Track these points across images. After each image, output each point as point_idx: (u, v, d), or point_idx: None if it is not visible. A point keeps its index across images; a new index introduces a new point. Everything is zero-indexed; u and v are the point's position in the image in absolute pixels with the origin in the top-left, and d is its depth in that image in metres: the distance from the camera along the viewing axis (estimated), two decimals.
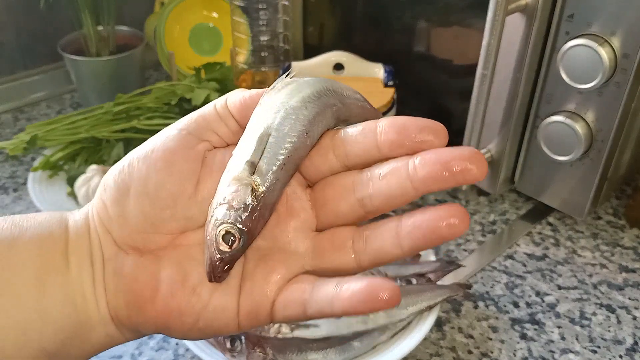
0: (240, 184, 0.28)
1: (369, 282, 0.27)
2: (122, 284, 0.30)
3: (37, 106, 0.94)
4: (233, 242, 0.28)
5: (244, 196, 0.28)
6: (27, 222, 0.30)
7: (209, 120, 0.31)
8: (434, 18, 0.73)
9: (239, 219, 0.27)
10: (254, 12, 0.77)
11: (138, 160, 0.30)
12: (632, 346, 0.56)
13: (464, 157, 0.27)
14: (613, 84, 0.58)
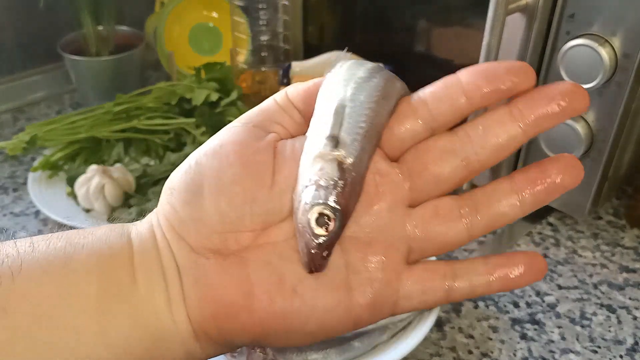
0: (324, 161, 0.26)
1: (524, 256, 0.28)
2: (209, 294, 0.27)
3: (36, 106, 0.94)
4: (328, 223, 0.26)
5: (332, 172, 0.26)
6: (83, 239, 0.27)
7: (271, 112, 0.29)
8: (434, 18, 0.73)
9: (330, 197, 0.25)
10: (254, 11, 0.77)
11: (207, 157, 0.28)
12: (633, 346, 0.56)
13: (568, 91, 0.27)
14: (614, 83, 0.58)
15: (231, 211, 0.27)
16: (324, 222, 0.26)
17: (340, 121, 0.27)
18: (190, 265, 0.27)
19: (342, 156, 0.26)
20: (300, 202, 0.26)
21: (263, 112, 0.30)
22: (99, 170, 0.68)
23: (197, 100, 0.74)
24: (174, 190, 0.28)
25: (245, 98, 0.81)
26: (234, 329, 0.27)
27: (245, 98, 0.81)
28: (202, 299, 0.27)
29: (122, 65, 0.89)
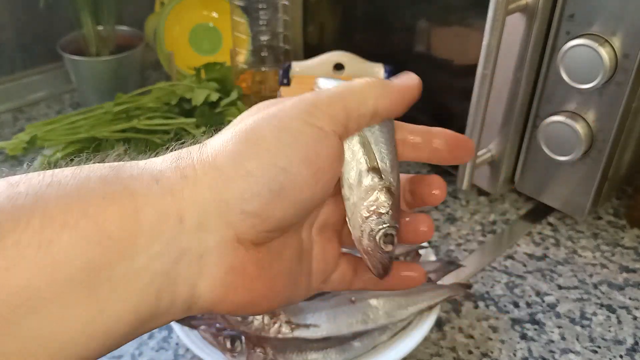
0: (377, 191, 0.31)
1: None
2: (243, 283, 0.29)
3: (36, 106, 0.94)
4: (392, 240, 0.31)
5: (386, 199, 0.31)
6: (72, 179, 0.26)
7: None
8: (434, 18, 0.73)
9: (390, 220, 0.31)
10: (254, 11, 0.77)
11: (298, 166, 0.29)
12: (633, 346, 0.56)
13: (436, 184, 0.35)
14: (614, 83, 0.58)
15: (294, 218, 0.29)
16: (390, 240, 0.31)
17: (370, 153, 0.31)
18: (226, 252, 0.28)
19: (388, 183, 0.31)
20: (364, 230, 0.31)
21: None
22: None
23: (197, 101, 0.74)
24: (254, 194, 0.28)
25: (245, 98, 0.81)
26: (245, 310, 0.30)
27: (245, 98, 0.81)
28: (232, 286, 0.28)
29: (122, 66, 0.89)
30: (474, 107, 0.61)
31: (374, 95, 0.31)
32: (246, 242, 0.28)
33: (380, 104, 0.31)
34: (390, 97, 0.31)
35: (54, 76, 0.96)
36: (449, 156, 0.33)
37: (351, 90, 0.30)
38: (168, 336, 0.56)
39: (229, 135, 0.29)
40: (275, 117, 0.29)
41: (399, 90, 0.32)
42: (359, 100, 0.30)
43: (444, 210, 0.74)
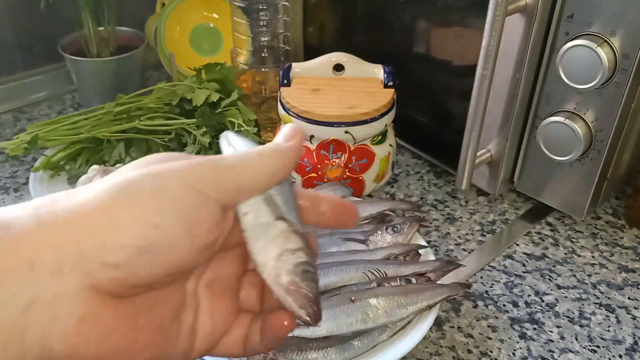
0: (286, 233, 0.31)
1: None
2: (96, 335, 0.27)
3: (37, 106, 0.94)
4: (313, 277, 0.30)
5: (296, 240, 0.31)
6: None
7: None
8: (433, 19, 0.73)
9: (305, 257, 0.30)
10: (254, 12, 0.77)
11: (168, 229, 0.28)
12: (632, 346, 0.57)
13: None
14: (613, 84, 0.58)
15: (162, 277, 0.28)
16: (309, 277, 0.30)
17: (275, 206, 0.31)
18: (83, 301, 0.26)
19: (295, 227, 0.31)
20: (281, 269, 0.30)
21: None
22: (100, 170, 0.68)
23: (198, 101, 0.74)
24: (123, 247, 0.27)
25: (246, 98, 0.82)
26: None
27: (245, 98, 0.81)
28: (84, 338, 0.27)
29: (123, 66, 0.90)
30: (473, 107, 0.61)
31: (270, 166, 0.31)
32: (104, 293, 0.27)
33: (276, 173, 0.31)
34: (284, 162, 0.31)
35: (54, 77, 0.97)
36: (334, 221, 0.34)
37: (248, 165, 0.30)
38: None
39: (104, 185, 0.28)
40: (160, 176, 0.28)
41: (293, 154, 0.32)
42: (253, 173, 0.30)
43: (444, 210, 0.74)
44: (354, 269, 0.56)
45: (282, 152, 0.31)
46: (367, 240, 0.61)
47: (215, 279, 0.33)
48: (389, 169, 0.74)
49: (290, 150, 0.32)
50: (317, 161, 0.70)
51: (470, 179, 0.66)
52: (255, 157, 0.31)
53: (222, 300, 0.33)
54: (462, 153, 0.64)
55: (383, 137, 0.71)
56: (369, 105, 0.69)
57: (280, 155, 0.31)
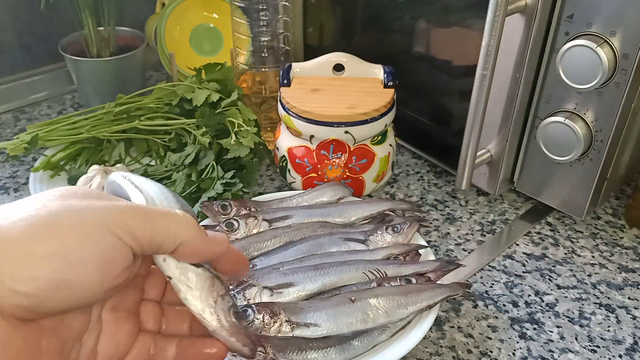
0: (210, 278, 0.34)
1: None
2: (2, 355, 0.28)
3: (38, 106, 0.94)
4: (242, 314, 0.34)
5: (220, 284, 0.34)
6: None
7: None
8: (433, 19, 0.73)
9: (231, 298, 0.34)
10: (254, 12, 0.77)
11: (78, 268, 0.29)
12: (632, 346, 0.57)
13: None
14: (613, 84, 0.58)
15: (68, 309, 0.30)
16: (241, 316, 0.34)
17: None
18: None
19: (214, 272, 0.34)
20: (220, 316, 0.33)
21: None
22: (100, 170, 0.68)
23: (198, 101, 0.74)
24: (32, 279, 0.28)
25: (246, 98, 0.82)
26: None
27: (245, 98, 0.81)
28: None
29: (123, 66, 0.90)
30: (473, 107, 0.61)
31: (186, 233, 0.32)
32: (10, 317, 0.28)
33: (186, 246, 0.32)
34: (198, 242, 0.33)
35: (55, 77, 0.97)
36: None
37: (165, 220, 0.32)
38: None
39: (31, 210, 0.28)
40: (82, 213, 0.29)
41: (208, 242, 0.33)
42: (168, 232, 0.31)
43: (444, 210, 0.74)
44: (354, 269, 0.56)
45: (201, 234, 0.33)
46: (367, 240, 0.61)
47: (119, 304, 0.34)
48: (389, 169, 0.74)
49: (208, 240, 0.33)
50: (317, 161, 0.70)
51: (470, 179, 0.66)
52: (176, 218, 0.32)
53: (124, 323, 0.34)
54: (462, 153, 0.64)
55: (383, 137, 0.71)
56: (369, 105, 0.69)
57: (198, 235, 0.33)
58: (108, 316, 0.34)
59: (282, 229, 0.62)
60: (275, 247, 0.60)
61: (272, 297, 0.53)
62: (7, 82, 0.94)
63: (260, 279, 0.54)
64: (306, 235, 0.62)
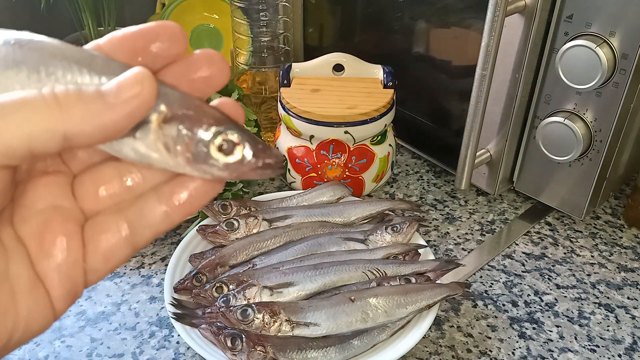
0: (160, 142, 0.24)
1: (196, 182, 0.25)
2: None
3: None
4: (233, 141, 0.24)
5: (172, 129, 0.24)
6: None
7: None
8: (433, 19, 0.74)
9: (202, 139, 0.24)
10: (254, 13, 0.77)
11: None
12: (631, 345, 0.57)
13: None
14: (612, 84, 0.58)
15: None
16: (230, 147, 0.24)
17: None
18: None
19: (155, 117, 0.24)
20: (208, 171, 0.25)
21: None
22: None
23: None
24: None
25: (246, 98, 0.82)
26: None
27: (245, 98, 0.81)
28: None
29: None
30: (472, 107, 0.61)
31: (64, 121, 0.22)
32: None
33: (78, 138, 0.22)
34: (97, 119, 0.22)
35: None
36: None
37: (16, 115, 0.21)
38: (169, 335, 0.57)
39: None
40: None
41: (111, 114, 0.22)
42: (29, 132, 0.21)
43: (443, 209, 0.74)
44: (354, 269, 0.56)
45: (94, 103, 0.22)
46: (366, 239, 0.62)
47: (30, 210, 0.25)
48: (389, 168, 0.75)
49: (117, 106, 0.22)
50: (317, 161, 0.71)
51: (469, 179, 0.66)
52: (33, 102, 0.22)
53: (53, 224, 0.25)
54: (462, 153, 0.64)
55: (382, 137, 0.72)
56: (369, 105, 0.69)
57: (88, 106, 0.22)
58: (24, 232, 0.25)
59: (282, 228, 0.62)
60: (275, 247, 0.61)
61: (272, 297, 0.53)
62: None
63: (260, 278, 0.54)
64: (306, 235, 0.62)
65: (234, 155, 0.23)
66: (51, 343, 0.56)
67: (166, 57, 0.25)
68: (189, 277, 0.56)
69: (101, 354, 0.55)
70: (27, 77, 0.23)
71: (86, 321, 0.58)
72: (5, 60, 0.23)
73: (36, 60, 0.23)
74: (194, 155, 0.23)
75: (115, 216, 0.26)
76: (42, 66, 0.23)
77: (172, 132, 0.23)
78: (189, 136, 0.23)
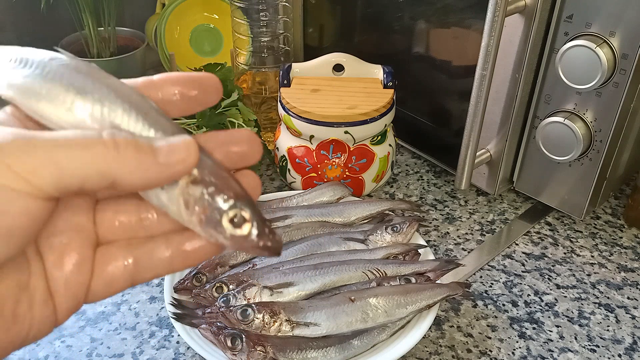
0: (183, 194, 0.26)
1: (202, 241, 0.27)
2: None
3: None
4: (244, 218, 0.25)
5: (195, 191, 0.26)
6: None
7: None
8: (433, 19, 0.74)
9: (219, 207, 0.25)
10: (254, 13, 0.77)
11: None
12: (631, 345, 0.57)
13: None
14: (612, 84, 0.58)
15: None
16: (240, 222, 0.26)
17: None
18: None
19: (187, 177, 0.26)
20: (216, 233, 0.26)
21: None
22: None
23: None
24: None
25: (246, 99, 0.82)
26: None
27: (245, 99, 0.81)
28: None
29: (123, 67, 0.90)
30: (472, 107, 0.61)
31: (117, 168, 0.24)
32: None
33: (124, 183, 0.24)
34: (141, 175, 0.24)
35: None
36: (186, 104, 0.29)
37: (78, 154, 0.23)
38: (169, 335, 0.57)
39: None
40: None
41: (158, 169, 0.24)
42: (85, 171, 0.23)
43: (443, 209, 0.74)
44: (354, 269, 0.56)
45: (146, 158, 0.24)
46: (366, 239, 0.62)
47: (55, 232, 0.27)
48: (389, 168, 0.75)
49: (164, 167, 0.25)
50: (317, 161, 0.71)
51: (469, 179, 0.66)
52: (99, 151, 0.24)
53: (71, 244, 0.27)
54: (462, 153, 0.64)
55: (382, 137, 0.72)
56: (369, 105, 0.69)
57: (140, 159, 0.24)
58: (47, 248, 0.26)
59: (282, 228, 0.62)
60: None
61: (272, 297, 0.53)
62: None
63: (260, 278, 0.54)
64: (306, 235, 0.62)
65: (241, 229, 0.25)
66: (51, 343, 0.56)
67: (201, 104, 0.28)
68: (189, 277, 0.56)
69: (101, 354, 0.55)
70: (92, 106, 0.25)
71: (86, 321, 0.58)
72: (78, 86, 0.26)
73: (105, 94, 0.26)
74: (207, 219, 0.25)
75: (125, 250, 0.28)
76: (107, 102, 0.26)
77: (196, 194, 0.25)
78: (208, 201, 0.25)
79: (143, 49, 0.92)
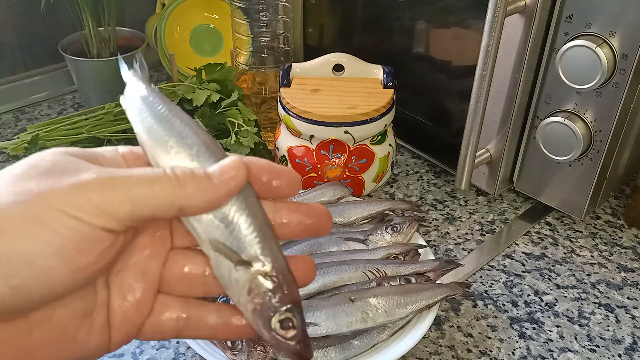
0: (251, 281, 0.28)
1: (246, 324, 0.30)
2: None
3: (38, 106, 0.94)
4: (292, 323, 0.28)
5: (265, 283, 0.28)
6: None
7: None
8: (433, 19, 0.74)
9: (283, 303, 0.28)
10: (254, 13, 0.77)
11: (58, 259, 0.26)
12: (631, 345, 0.57)
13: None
14: (612, 84, 0.58)
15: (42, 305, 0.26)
16: (287, 325, 0.28)
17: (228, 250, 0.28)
18: None
19: (261, 267, 0.28)
20: (259, 326, 0.28)
21: None
22: None
23: (198, 101, 0.74)
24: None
25: (246, 99, 0.82)
26: None
27: (245, 99, 0.81)
28: None
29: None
30: (472, 107, 0.61)
31: (182, 197, 0.27)
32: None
33: (189, 208, 0.27)
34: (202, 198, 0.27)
35: (55, 77, 0.97)
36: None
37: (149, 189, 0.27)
38: None
39: None
40: (37, 201, 0.25)
41: (213, 189, 0.27)
42: (155, 202, 0.27)
43: (443, 209, 0.74)
44: (354, 269, 0.56)
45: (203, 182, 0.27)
46: (366, 239, 0.62)
47: (122, 268, 0.30)
48: (389, 168, 0.75)
49: (220, 185, 0.27)
50: (317, 161, 0.71)
51: (469, 179, 0.66)
52: (167, 185, 0.27)
53: (136, 284, 0.30)
54: (462, 153, 0.64)
55: (382, 137, 0.72)
56: (369, 105, 0.69)
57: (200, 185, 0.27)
58: (113, 284, 0.29)
59: None
60: None
61: None
62: (7, 82, 0.94)
63: None
64: None
65: (286, 333, 0.28)
66: None
67: (276, 194, 0.30)
68: None
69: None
70: (190, 160, 0.29)
71: None
72: (190, 143, 0.29)
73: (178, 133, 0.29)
74: (259, 311, 0.28)
75: (182, 305, 0.31)
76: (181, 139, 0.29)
77: (262, 287, 0.28)
78: (269, 297, 0.28)
79: (143, 48, 0.92)
